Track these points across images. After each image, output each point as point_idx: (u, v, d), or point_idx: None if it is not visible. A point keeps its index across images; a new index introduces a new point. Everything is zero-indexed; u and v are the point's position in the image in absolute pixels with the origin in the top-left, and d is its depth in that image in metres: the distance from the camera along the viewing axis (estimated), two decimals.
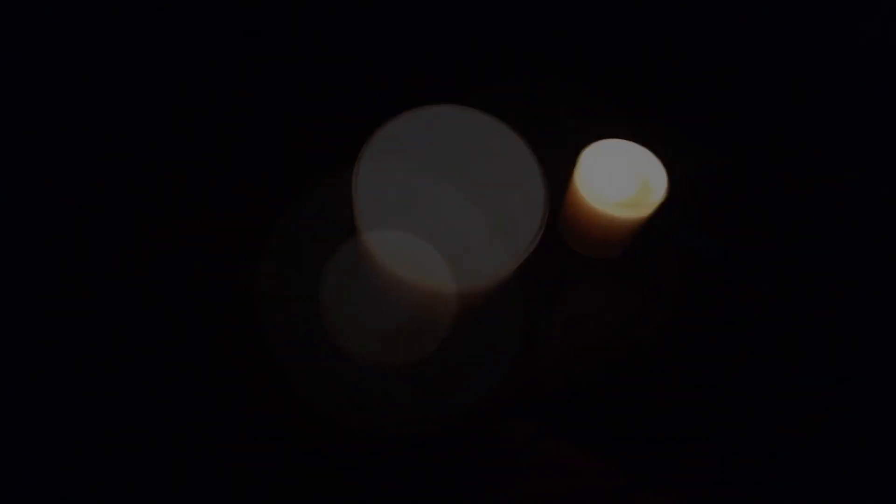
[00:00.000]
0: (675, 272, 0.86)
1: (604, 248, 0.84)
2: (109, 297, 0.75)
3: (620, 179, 0.80)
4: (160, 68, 0.89)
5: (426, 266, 0.45)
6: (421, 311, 0.51)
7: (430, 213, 0.47)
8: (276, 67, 0.93)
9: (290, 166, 0.86)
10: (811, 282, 0.88)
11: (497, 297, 0.51)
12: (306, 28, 0.96)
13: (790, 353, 0.84)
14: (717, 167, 0.92)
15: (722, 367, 0.82)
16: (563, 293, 0.82)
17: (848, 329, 0.85)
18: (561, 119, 0.94)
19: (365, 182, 0.44)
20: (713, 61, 1.00)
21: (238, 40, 0.93)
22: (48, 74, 0.85)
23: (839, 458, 0.77)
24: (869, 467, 0.76)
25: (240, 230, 0.81)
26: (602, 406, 0.78)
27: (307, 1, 0.96)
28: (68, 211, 0.79)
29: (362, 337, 0.60)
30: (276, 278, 0.77)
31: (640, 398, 0.79)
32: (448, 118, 0.47)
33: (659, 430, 0.78)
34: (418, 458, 0.71)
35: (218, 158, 0.86)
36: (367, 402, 0.72)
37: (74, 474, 0.67)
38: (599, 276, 0.85)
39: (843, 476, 0.76)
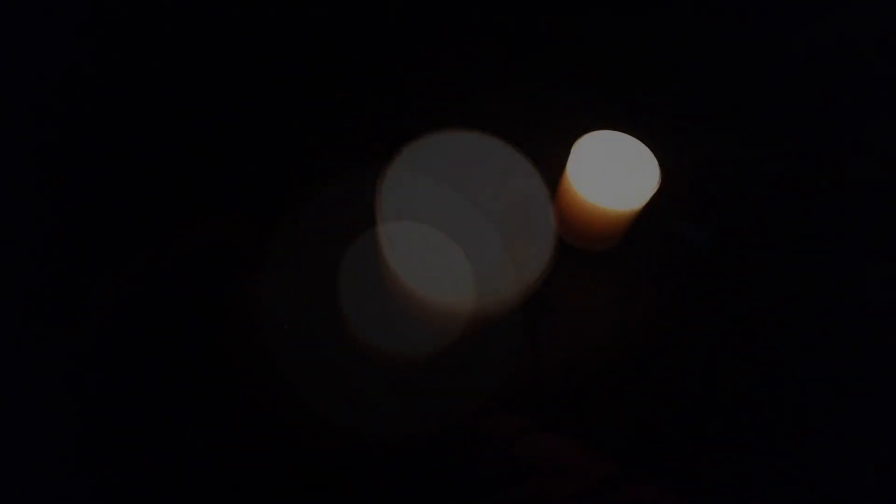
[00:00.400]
0: (667, 263, 0.86)
1: (596, 241, 0.83)
2: (112, 297, 0.75)
3: (612, 171, 0.79)
4: (160, 68, 0.90)
5: (444, 284, 0.46)
6: (434, 324, 0.52)
7: (449, 235, 0.48)
8: (278, 69, 0.93)
9: (294, 169, 0.86)
10: (803, 271, 0.87)
11: (506, 317, 0.51)
12: (306, 31, 0.96)
13: (782, 341, 0.83)
14: (710, 158, 0.92)
15: (714, 356, 0.81)
16: (555, 285, 0.82)
17: (840, 317, 0.84)
18: (553, 110, 0.94)
19: (388, 201, 0.45)
20: (706, 54, 1.00)
21: (237, 42, 0.94)
22: (48, 75, 0.85)
23: (831, 447, 0.76)
24: (864, 451, 0.76)
25: (242, 231, 0.81)
26: (596, 399, 0.77)
27: (308, 2, 0.96)
28: (69, 212, 0.79)
29: (376, 334, 0.60)
30: (278, 281, 0.77)
31: (634, 391, 0.78)
32: (469, 145, 0.48)
33: (652, 422, 0.77)
34: (417, 458, 0.70)
35: (219, 160, 0.86)
36: (366, 403, 0.72)
37: (74, 474, 0.67)
38: (592, 268, 0.84)
39: (836, 467, 0.75)
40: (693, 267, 0.86)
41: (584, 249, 0.84)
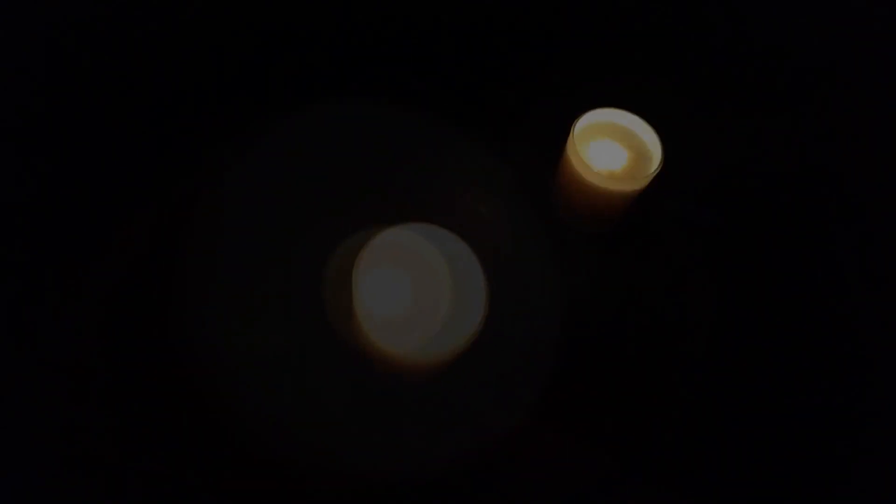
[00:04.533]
0: (670, 245, 0.85)
1: (597, 222, 0.82)
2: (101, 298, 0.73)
3: (615, 150, 0.78)
4: (146, 68, 0.87)
5: (408, 342, 0.60)
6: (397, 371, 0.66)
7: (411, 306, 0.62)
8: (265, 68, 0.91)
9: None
10: (809, 251, 0.86)
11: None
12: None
13: (787, 326, 0.82)
14: (715, 136, 0.91)
15: (715, 339, 0.80)
16: (556, 267, 0.81)
17: (847, 301, 0.83)
18: (553, 86, 0.92)
19: (363, 280, 0.60)
20: (711, 31, 0.98)
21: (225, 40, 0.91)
22: (38, 75, 0.83)
23: (835, 445, 0.75)
24: (868, 447, 0.75)
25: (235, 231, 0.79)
26: (596, 393, 0.76)
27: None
28: (61, 212, 0.77)
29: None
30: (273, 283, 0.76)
31: (635, 384, 0.77)
32: (425, 236, 0.64)
33: (654, 417, 0.76)
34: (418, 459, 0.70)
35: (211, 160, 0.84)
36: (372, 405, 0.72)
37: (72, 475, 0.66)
38: (593, 250, 0.83)
39: (838, 466, 0.75)
40: (697, 248, 0.85)
41: (585, 231, 0.83)
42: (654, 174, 0.75)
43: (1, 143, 0.78)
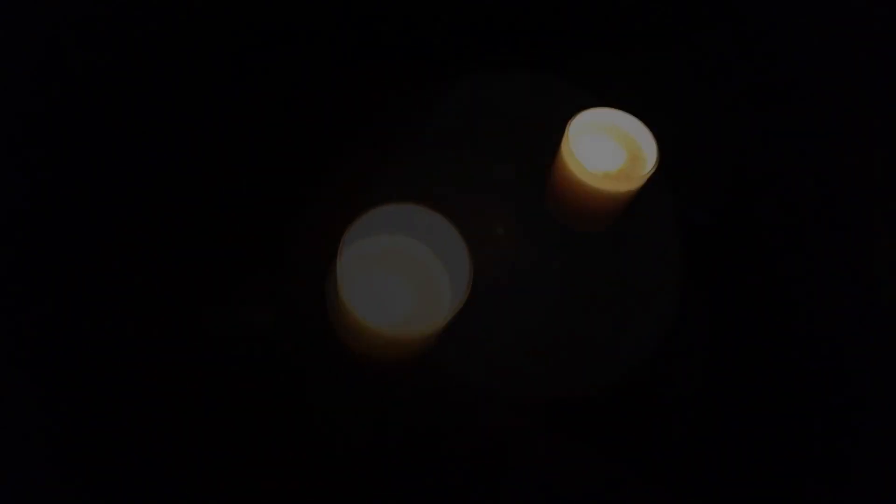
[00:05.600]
0: (666, 244, 0.85)
1: (593, 222, 0.82)
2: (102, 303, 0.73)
3: (609, 150, 0.78)
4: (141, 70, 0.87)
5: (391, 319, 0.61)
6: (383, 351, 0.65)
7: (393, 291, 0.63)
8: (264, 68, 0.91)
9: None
10: (800, 252, 0.87)
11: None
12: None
13: (787, 325, 0.82)
14: (710, 135, 0.91)
15: (711, 338, 0.80)
16: (550, 268, 0.81)
17: (846, 300, 0.83)
18: (547, 86, 0.92)
19: (346, 260, 0.59)
20: (706, 31, 0.99)
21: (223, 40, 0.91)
22: (39, 75, 0.83)
23: (837, 444, 0.76)
24: (869, 446, 0.75)
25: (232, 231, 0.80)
26: (598, 395, 0.76)
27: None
28: (61, 212, 0.77)
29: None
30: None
31: (636, 385, 0.77)
32: (407, 214, 0.64)
33: (657, 420, 0.76)
34: (415, 453, 0.70)
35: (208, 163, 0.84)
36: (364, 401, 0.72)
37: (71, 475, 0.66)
38: (588, 250, 0.83)
39: (840, 466, 0.75)
40: (693, 248, 0.85)
41: (580, 231, 0.83)
42: (649, 174, 0.75)
43: (0, 143, 0.78)
